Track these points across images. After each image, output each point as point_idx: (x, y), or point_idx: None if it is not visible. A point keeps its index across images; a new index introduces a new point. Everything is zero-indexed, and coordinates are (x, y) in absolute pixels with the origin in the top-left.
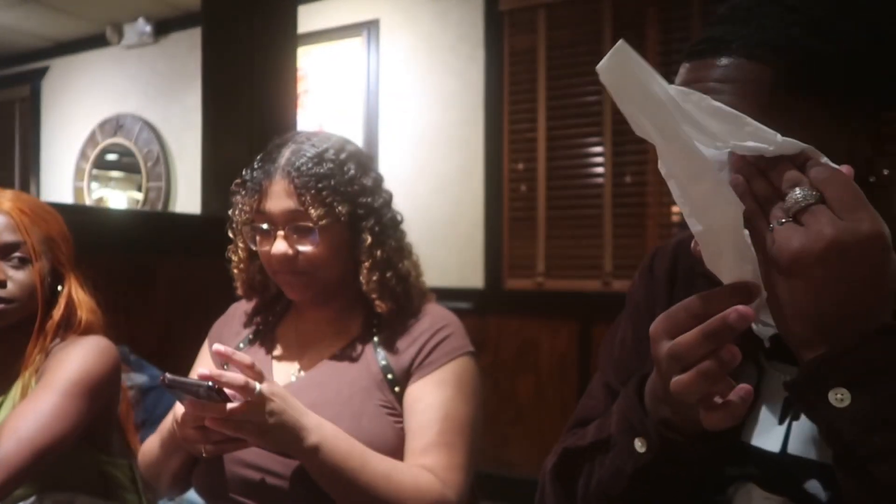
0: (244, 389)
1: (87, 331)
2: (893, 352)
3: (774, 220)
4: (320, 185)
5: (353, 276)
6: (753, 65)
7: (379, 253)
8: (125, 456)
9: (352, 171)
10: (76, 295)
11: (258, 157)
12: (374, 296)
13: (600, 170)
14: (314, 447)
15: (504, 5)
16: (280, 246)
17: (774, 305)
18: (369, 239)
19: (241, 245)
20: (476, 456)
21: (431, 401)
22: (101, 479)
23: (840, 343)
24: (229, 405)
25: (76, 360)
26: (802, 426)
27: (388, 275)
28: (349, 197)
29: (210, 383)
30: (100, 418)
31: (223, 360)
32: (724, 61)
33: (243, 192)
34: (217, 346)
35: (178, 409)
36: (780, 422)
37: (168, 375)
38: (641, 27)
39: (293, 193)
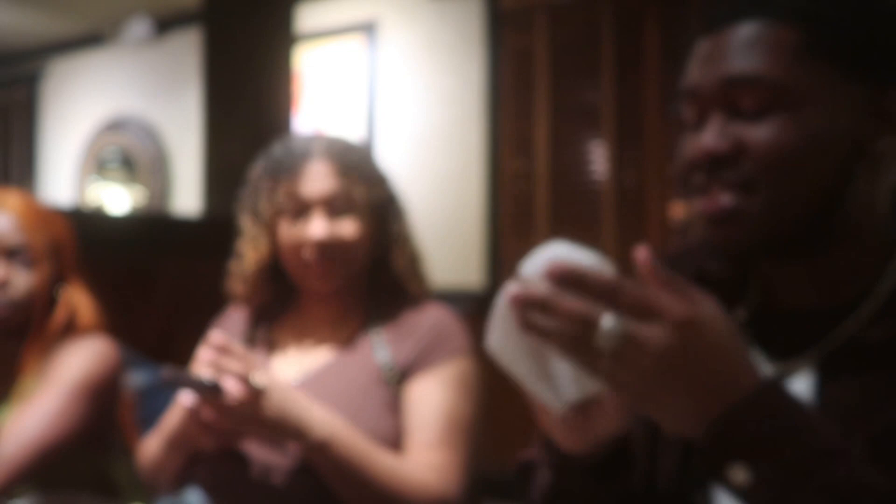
0: (243, 381)
1: (86, 334)
2: (775, 411)
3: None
4: (361, 167)
5: (367, 270)
6: (781, 27)
7: (408, 238)
8: (125, 456)
9: (377, 161)
10: (77, 301)
11: (279, 146)
12: (407, 276)
13: (600, 170)
14: (323, 441)
15: (504, 5)
16: (321, 227)
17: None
18: (401, 223)
19: (263, 239)
20: (473, 455)
21: (433, 399)
22: (101, 479)
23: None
24: (229, 398)
25: (78, 361)
26: None
27: (418, 258)
28: (380, 182)
29: (209, 379)
30: (101, 418)
31: (220, 352)
32: (751, 25)
33: (268, 180)
34: (216, 336)
35: (180, 403)
36: None
37: (167, 369)
38: (641, 27)
39: (337, 174)
